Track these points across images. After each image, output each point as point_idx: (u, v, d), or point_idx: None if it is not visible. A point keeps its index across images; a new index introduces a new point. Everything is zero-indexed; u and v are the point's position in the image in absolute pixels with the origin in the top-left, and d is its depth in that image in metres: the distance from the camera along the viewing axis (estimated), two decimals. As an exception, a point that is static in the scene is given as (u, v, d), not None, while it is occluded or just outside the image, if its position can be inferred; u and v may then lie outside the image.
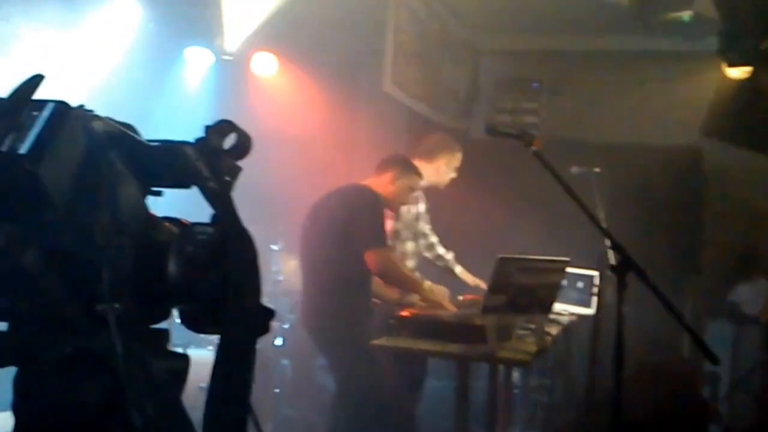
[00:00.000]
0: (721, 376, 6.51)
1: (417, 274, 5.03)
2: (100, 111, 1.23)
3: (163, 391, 1.12)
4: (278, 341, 6.18)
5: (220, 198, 1.20)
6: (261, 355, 5.27)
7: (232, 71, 7.28)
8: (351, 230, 4.42)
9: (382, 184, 4.69)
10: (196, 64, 6.96)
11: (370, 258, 4.36)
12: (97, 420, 1.10)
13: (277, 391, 6.02)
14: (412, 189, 4.79)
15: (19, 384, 1.13)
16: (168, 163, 1.21)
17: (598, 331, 4.91)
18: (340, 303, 4.55)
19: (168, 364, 1.19)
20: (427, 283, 4.58)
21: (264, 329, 1.26)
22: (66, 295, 1.06)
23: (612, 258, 3.19)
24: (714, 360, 2.80)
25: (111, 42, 5.91)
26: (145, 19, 6.09)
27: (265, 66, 7.29)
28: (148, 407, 1.05)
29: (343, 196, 4.60)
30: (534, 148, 3.24)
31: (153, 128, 1.37)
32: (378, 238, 4.43)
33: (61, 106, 1.07)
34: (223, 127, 1.26)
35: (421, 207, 5.30)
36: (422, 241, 5.40)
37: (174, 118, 6.15)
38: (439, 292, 4.61)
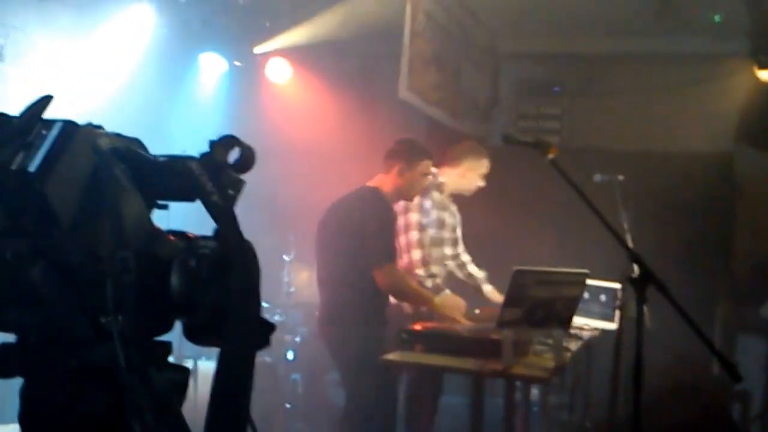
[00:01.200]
0: (753, 396, 6.50)
1: (432, 285, 5.04)
2: (116, 118, 1.32)
3: (164, 403, 1.20)
4: (290, 355, 6.25)
5: (223, 212, 1.28)
6: (271, 371, 5.39)
7: (246, 77, 7.40)
8: (360, 245, 4.52)
9: (391, 179, 4.76)
10: (211, 70, 7.09)
11: (379, 275, 4.48)
12: (101, 431, 1.18)
13: (288, 406, 6.09)
14: (424, 174, 4.78)
15: (25, 395, 1.22)
16: (172, 178, 1.29)
17: (620, 347, 4.94)
18: (352, 315, 4.63)
19: (169, 376, 1.27)
20: (439, 297, 4.60)
21: (264, 343, 1.34)
22: (72, 308, 1.15)
23: (634, 271, 3.23)
24: (736, 376, 2.84)
25: (125, 49, 6.05)
26: (159, 26, 6.22)
27: (280, 72, 7.39)
28: (150, 419, 1.13)
29: (353, 206, 4.67)
30: (551, 156, 3.31)
31: (168, 135, 1.46)
32: (385, 254, 4.52)
33: (69, 125, 1.17)
34: (227, 142, 1.34)
35: (458, 216, 5.39)
36: (454, 256, 5.46)
37: (188, 125, 6.29)
38: (453, 304, 4.65)
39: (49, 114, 1.21)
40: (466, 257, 5.57)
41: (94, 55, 5.78)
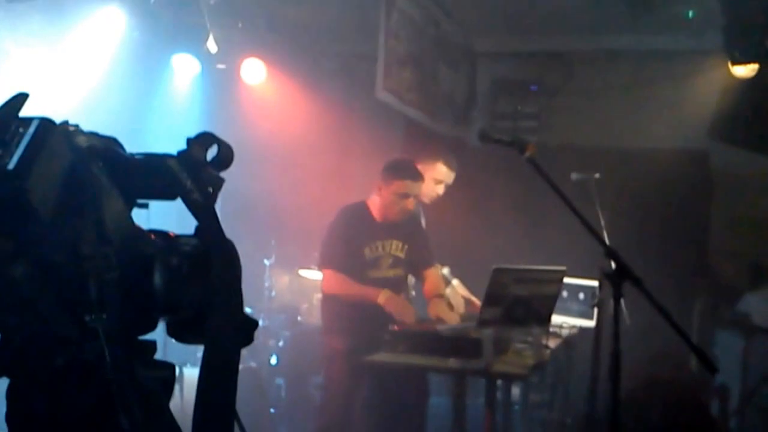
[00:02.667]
0: (731, 391, 6.57)
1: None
2: (90, 121, 1.33)
3: (151, 399, 1.21)
4: (273, 360, 6.26)
5: (203, 210, 1.29)
6: (256, 376, 5.41)
7: (220, 79, 7.36)
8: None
9: (376, 196, 4.79)
10: (184, 71, 7.06)
11: (322, 279, 4.73)
12: (88, 428, 1.19)
13: (273, 411, 6.10)
14: (404, 195, 4.70)
15: (11, 395, 1.23)
16: (152, 176, 1.31)
17: (598, 344, 4.98)
18: (328, 319, 4.79)
19: (155, 373, 1.28)
20: (383, 295, 4.55)
21: (248, 340, 1.35)
22: (55, 306, 1.16)
23: (611, 267, 3.25)
24: (712, 369, 2.88)
25: (97, 52, 6.02)
26: (130, 28, 6.20)
27: (254, 73, 7.36)
28: (138, 415, 1.15)
29: (334, 218, 4.83)
30: (528, 154, 3.33)
31: (142, 137, 1.46)
32: (325, 259, 4.73)
33: (46, 123, 1.18)
34: (204, 139, 1.36)
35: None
36: None
37: (163, 127, 6.26)
38: (399, 302, 4.61)
39: (24, 113, 1.22)
40: None
41: (65, 59, 5.75)
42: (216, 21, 6.47)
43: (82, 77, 5.87)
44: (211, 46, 6.41)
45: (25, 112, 1.21)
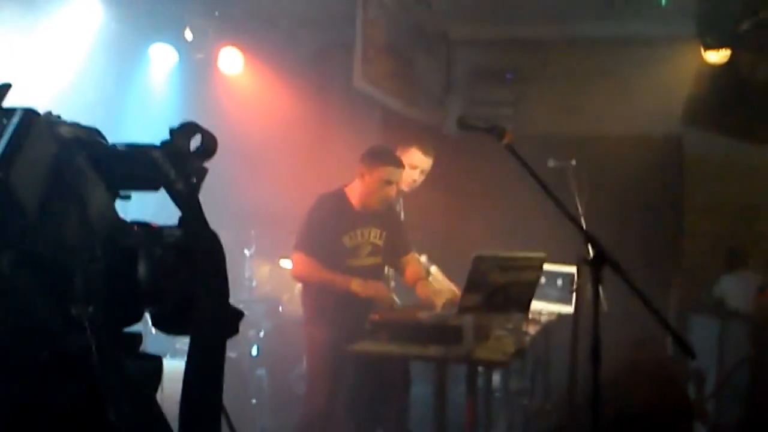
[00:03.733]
0: (707, 374, 6.63)
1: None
2: (67, 111, 1.31)
3: (138, 391, 1.20)
4: (254, 350, 6.24)
5: (187, 200, 1.28)
6: (236, 367, 5.39)
7: (198, 69, 7.31)
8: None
9: (357, 184, 4.74)
10: (162, 61, 7.01)
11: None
12: (73, 421, 1.18)
13: (254, 402, 6.08)
14: (387, 182, 4.66)
15: (-4, 388, 1.21)
16: (135, 167, 1.30)
17: (577, 330, 5.01)
18: (309, 308, 4.76)
19: (142, 365, 1.27)
20: (357, 281, 4.53)
21: (233, 330, 1.35)
22: (41, 299, 1.15)
23: (589, 253, 3.26)
24: (690, 353, 2.90)
25: (74, 42, 5.96)
26: (107, 18, 6.14)
27: (232, 63, 7.32)
28: (125, 407, 1.14)
29: (311, 206, 4.77)
30: (506, 141, 3.32)
31: (119, 127, 1.45)
32: (298, 242, 4.63)
33: (30, 113, 1.16)
34: (188, 129, 1.35)
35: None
36: None
37: (140, 117, 6.20)
38: (374, 286, 4.60)
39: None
40: None
41: (41, 50, 5.69)
42: (193, 10, 6.42)
43: (59, 67, 5.81)
44: (188, 34, 6.37)
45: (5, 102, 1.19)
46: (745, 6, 6.29)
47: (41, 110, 1.24)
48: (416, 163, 5.12)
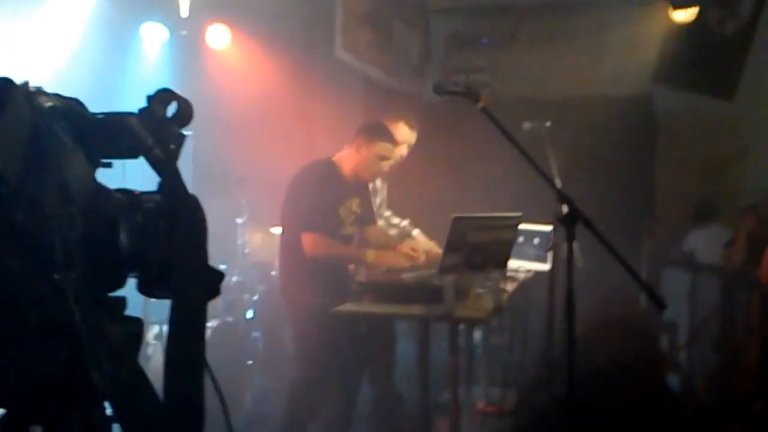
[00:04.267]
0: (679, 326, 6.70)
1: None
2: (63, 91, 1.29)
3: (121, 354, 1.19)
4: (249, 314, 6.28)
5: (165, 166, 1.27)
6: (233, 330, 5.41)
7: (187, 45, 7.26)
8: (296, 212, 4.51)
9: (351, 155, 4.67)
10: (153, 40, 6.96)
11: (304, 242, 4.44)
12: (60, 384, 1.17)
13: (251, 363, 6.13)
14: (382, 157, 4.64)
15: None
16: (114, 135, 1.28)
17: (553, 286, 5.04)
18: (294, 280, 4.67)
19: (124, 328, 1.26)
20: (371, 251, 4.54)
21: (214, 291, 1.34)
22: (26, 266, 1.13)
23: (563, 211, 3.27)
24: (661, 305, 2.93)
25: (67, 25, 5.90)
26: (100, 0, 6.08)
27: (219, 39, 7.27)
28: (108, 369, 1.13)
29: (301, 174, 4.63)
30: (481, 104, 3.31)
31: (113, 104, 1.42)
32: (309, 221, 4.46)
33: (5, 83, 1.13)
34: (164, 96, 1.33)
35: (378, 181, 5.32)
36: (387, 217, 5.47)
37: (133, 96, 6.14)
38: (388, 255, 4.62)
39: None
40: (387, 211, 5.58)
41: (35, 32, 5.62)
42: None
43: (52, 50, 5.76)
44: (180, 12, 6.32)
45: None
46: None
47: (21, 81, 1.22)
48: (404, 138, 5.13)
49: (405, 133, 5.13)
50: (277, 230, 6.50)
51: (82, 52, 5.93)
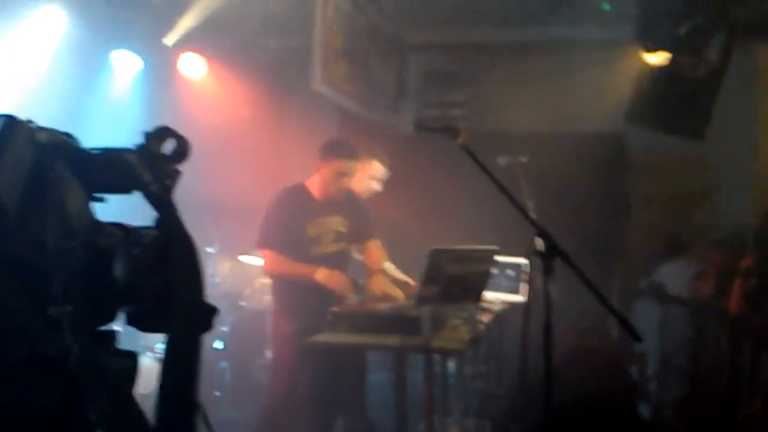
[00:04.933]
0: (649, 356, 6.74)
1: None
2: (32, 117, 1.29)
3: (116, 388, 1.19)
4: (218, 344, 6.20)
5: (162, 202, 1.27)
6: (201, 361, 5.31)
7: (160, 74, 7.23)
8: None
9: (315, 176, 4.73)
10: (125, 68, 6.92)
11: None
12: (55, 420, 1.16)
13: (218, 394, 6.04)
14: (341, 174, 4.65)
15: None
16: (110, 170, 1.28)
17: (528, 318, 5.06)
18: (277, 299, 4.75)
19: (119, 362, 1.26)
20: (320, 271, 4.52)
21: (208, 326, 1.34)
22: (21, 299, 1.13)
23: (540, 245, 3.29)
24: (637, 338, 2.95)
25: (38, 50, 5.86)
26: (70, 26, 6.04)
27: (194, 68, 7.25)
28: (105, 405, 1.12)
29: (270, 198, 4.71)
30: (459, 140, 3.34)
31: (84, 134, 1.42)
32: (262, 238, 4.59)
33: (9, 120, 1.14)
34: (162, 133, 1.34)
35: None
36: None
37: (104, 124, 6.12)
38: (337, 277, 4.56)
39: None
40: None
41: (5, 57, 5.58)
42: (155, 18, 6.35)
43: (23, 76, 5.71)
44: (150, 41, 6.31)
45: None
46: (682, 11, 6.41)
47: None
48: (378, 175, 5.17)
49: (378, 170, 5.18)
50: (247, 259, 6.49)
51: (51, 78, 5.88)
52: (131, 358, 1.29)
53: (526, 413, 5.21)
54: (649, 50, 6.66)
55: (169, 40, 6.77)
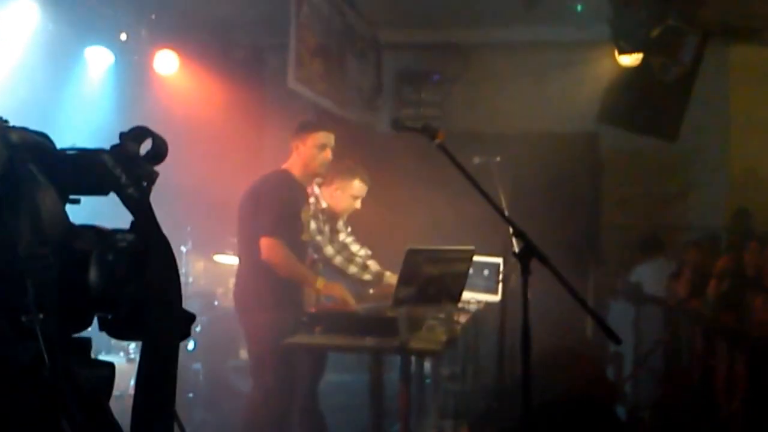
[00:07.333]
0: (624, 356, 6.77)
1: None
2: (3, 115, 1.23)
3: (90, 398, 1.14)
4: (190, 345, 6.10)
5: (139, 204, 1.22)
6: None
7: (133, 70, 7.13)
8: (255, 221, 4.40)
9: (295, 160, 4.62)
10: (98, 64, 6.81)
11: (262, 246, 4.31)
12: None
13: (191, 395, 5.96)
14: (323, 146, 4.57)
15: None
16: (85, 172, 1.22)
17: (504, 318, 5.05)
18: (254, 297, 4.54)
19: (93, 372, 1.20)
20: (322, 280, 4.47)
21: (186, 334, 1.29)
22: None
23: (516, 245, 3.27)
24: (616, 340, 2.94)
25: (10, 44, 5.74)
26: (44, 21, 5.94)
27: (167, 64, 7.16)
28: (79, 417, 1.07)
29: (255, 186, 4.55)
30: (438, 141, 3.32)
31: (56, 130, 1.37)
32: (269, 226, 4.35)
33: (-22, 119, 1.09)
34: (138, 133, 1.28)
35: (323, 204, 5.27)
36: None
37: (77, 119, 6.02)
38: (336, 287, 4.53)
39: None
40: (350, 240, 5.51)
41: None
42: (129, 13, 6.28)
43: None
44: (123, 36, 6.22)
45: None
46: (655, 13, 6.45)
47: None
48: (358, 194, 5.15)
49: (360, 189, 5.16)
50: (221, 258, 6.42)
51: (23, 73, 5.78)
52: (107, 368, 1.24)
53: (502, 413, 5.21)
54: (622, 51, 6.70)
55: (143, 36, 6.68)
